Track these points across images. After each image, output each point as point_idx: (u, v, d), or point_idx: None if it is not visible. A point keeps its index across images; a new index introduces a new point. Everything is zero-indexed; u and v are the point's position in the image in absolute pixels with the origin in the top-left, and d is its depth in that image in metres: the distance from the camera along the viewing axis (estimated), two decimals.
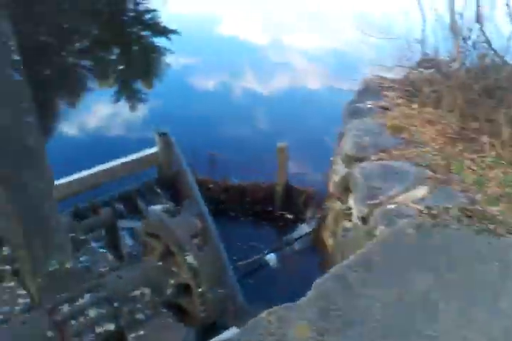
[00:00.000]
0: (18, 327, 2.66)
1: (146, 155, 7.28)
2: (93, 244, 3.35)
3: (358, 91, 7.48)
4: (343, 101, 7.39)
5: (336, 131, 7.13)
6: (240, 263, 6.89)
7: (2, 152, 2.41)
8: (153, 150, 7.31)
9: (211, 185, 7.54)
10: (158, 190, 7.68)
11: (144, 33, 17.20)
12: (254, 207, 8.09)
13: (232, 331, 4.29)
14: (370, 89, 7.46)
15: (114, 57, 16.10)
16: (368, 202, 4.90)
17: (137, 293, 2.93)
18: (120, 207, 7.53)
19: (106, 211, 3.60)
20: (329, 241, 6.88)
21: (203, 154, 8.38)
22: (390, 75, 7.65)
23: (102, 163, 7.12)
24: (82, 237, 3.37)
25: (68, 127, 11.52)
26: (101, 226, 3.60)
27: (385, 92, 7.19)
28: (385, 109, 6.71)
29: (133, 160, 7.17)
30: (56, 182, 6.80)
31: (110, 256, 3.23)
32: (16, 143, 2.50)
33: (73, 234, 3.31)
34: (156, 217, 4.52)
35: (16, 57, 2.38)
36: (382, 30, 8.21)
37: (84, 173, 6.90)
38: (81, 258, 3.24)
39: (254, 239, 7.55)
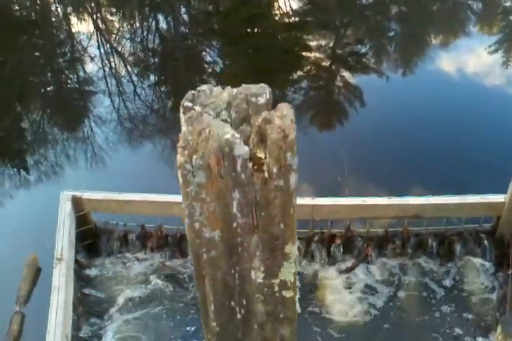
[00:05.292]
0: None
1: (488, 202, 5.87)
2: None
3: None
4: None
5: None
6: None
7: None
8: (499, 198, 5.83)
9: None
10: (485, 243, 6.25)
11: None
12: None
13: None
14: None
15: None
16: None
17: None
18: (432, 244, 6.50)
19: None
20: None
21: None
22: None
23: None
24: None
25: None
26: None
27: None
28: None
29: (469, 203, 5.87)
30: (371, 201, 6.07)
31: None
32: None
33: None
34: None
35: None
36: None
37: (406, 200, 5.96)
38: None
39: None
